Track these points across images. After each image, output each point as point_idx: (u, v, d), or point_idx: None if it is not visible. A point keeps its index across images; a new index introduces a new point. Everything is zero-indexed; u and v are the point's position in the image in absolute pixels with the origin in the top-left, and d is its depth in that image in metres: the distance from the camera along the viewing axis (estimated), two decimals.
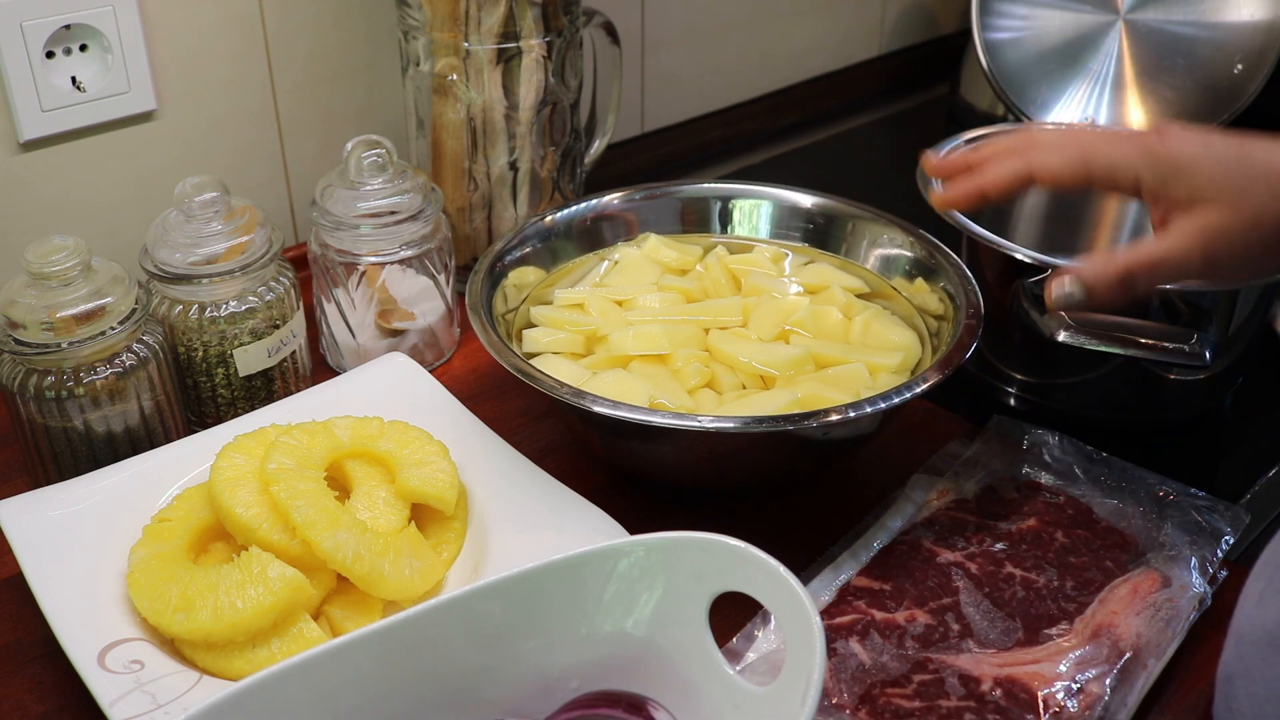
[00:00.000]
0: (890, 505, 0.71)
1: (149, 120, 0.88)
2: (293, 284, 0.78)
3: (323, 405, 0.73)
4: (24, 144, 0.83)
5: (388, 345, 0.84)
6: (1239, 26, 1.02)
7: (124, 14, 0.83)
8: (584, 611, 0.52)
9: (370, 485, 0.67)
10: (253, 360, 0.77)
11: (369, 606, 0.63)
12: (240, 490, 0.63)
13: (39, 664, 0.62)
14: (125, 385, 0.70)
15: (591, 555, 0.52)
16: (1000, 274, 0.80)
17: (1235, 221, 0.59)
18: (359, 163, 0.80)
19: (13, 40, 0.79)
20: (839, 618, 0.62)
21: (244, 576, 0.59)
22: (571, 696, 0.53)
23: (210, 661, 0.58)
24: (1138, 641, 0.60)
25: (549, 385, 0.65)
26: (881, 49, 1.40)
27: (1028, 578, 0.65)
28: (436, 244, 0.83)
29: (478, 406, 0.75)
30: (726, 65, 1.25)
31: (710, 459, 0.67)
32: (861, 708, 0.58)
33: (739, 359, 0.72)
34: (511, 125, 0.87)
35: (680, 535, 0.52)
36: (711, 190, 0.86)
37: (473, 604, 0.50)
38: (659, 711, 0.52)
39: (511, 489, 0.68)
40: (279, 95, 0.93)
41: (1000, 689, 0.58)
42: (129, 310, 0.69)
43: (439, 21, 0.84)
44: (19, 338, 0.67)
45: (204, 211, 0.74)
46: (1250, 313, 0.79)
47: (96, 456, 0.71)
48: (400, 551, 0.63)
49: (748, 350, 0.72)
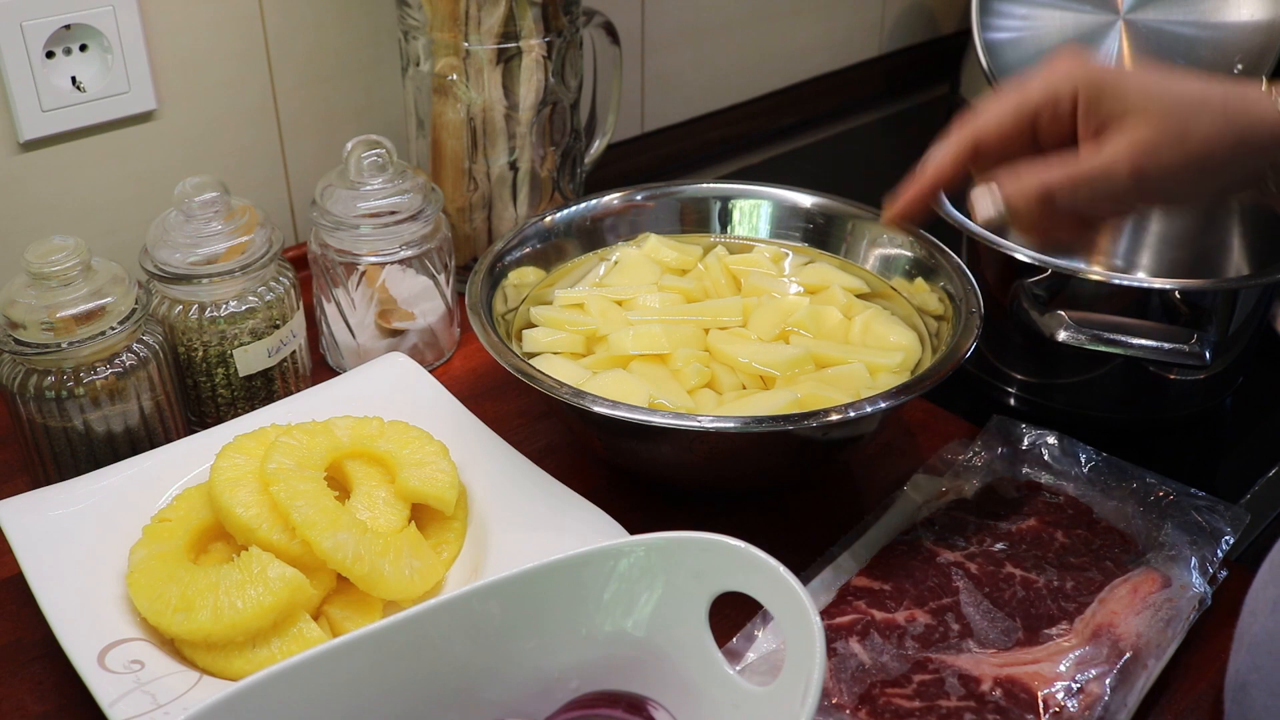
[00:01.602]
0: (890, 505, 0.71)
1: (149, 120, 0.88)
2: (293, 284, 0.78)
3: (323, 405, 0.73)
4: (24, 144, 0.83)
5: (388, 345, 0.84)
6: (1239, 26, 1.02)
7: (124, 14, 0.83)
8: (584, 611, 0.52)
9: (370, 485, 0.67)
10: (253, 360, 0.77)
11: (369, 606, 0.63)
12: (240, 490, 0.63)
13: (39, 664, 0.62)
14: (125, 385, 0.70)
15: (591, 555, 0.52)
16: (1000, 274, 0.80)
17: (1163, 136, 0.58)
18: (359, 163, 0.80)
19: (13, 40, 0.79)
20: (839, 618, 0.62)
21: (244, 576, 0.59)
22: (571, 696, 0.53)
23: (210, 661, 0.58)
24: (1138, 641, 0.60)
25: (549, 385, 0.65)
26: (881, 49, 1.40)
27: (1028, 578, 0.65)
28: (436, 244, 0.83)
29: (478, 406, 0.75)
30: (726, 65, 1.24)
31: (710, 459, 0.67)
32: (861, 708, 0.58)
33: (739, 359, 0.72)
34: (511, 125, 0.87)
35: (680, 535, 0.52)
36: (711, 190, 0.86)
37: (473, 604, 0.50)
38: (659, 711, 0.52)
39: (511, 489, 0.68)
40: (279, 95, 0.93)
41: (1000, 689, 0.58)
42: (129, 310, 0.69)
43: (439, 21, 0.84)
44: (19, 338, 0.67)
45: (204, 211, 0.74)
46: (1250, 313, 0.79)
47: (96, 456, 0.71)
48: (400, 551, 0.63)
49: (748, 350, 0.72)
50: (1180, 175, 0.59)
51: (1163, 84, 0.59)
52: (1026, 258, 0.78)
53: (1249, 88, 0.59)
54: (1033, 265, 0.78)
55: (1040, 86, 0.62)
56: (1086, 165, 0.60)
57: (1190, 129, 0.58)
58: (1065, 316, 0.75)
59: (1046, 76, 0.62)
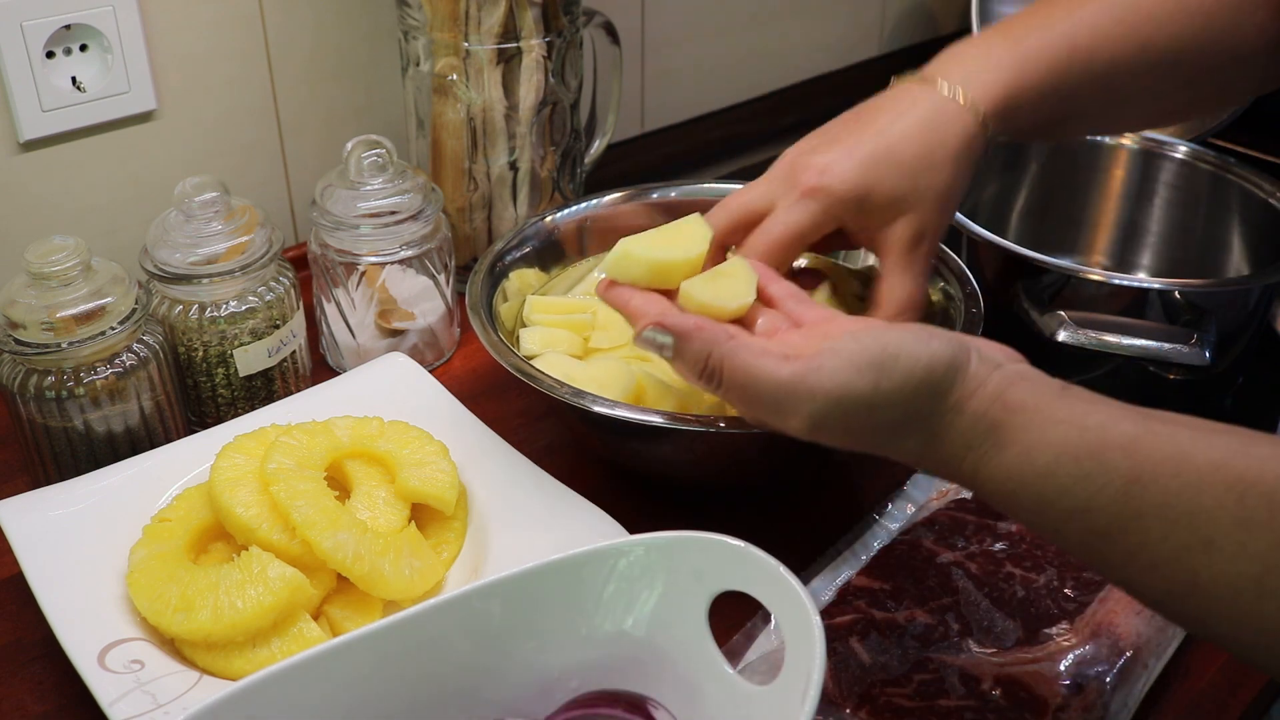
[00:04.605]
0: (890, 505, 0.71)
1: (149, 120, 0.88)
2: (293, 284, 0.78)
3: (323, 405, 0.73)
4: (24, 144, 0.83)
5: (388, 345, 0.84)
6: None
7: (124, 14, 0.83)
8: (584, 611, 0.52)
9: (370, 485, 0.67)
10: (253, 360, 0.77)
11: (369, 606, 0.63)
12: (240, 490, 0.63)
13: (39, 664, 0.62)
14: (125, 385, 0.70)
15: (591, 555, 0.52)
16: (1000, 274, 0.80)
17: (931, 219, 0.66)
18: (359, 163, 0.80)
19: (13, 40, 0.79)
20: (839, 618, 0.62)
21: (244, 576, 0.59)
22: (571, 696, 0.53)
23: (210, 661, 0.58)
24: (1138, 641, 0.60)
25: (549, 385, 0.65)
26: (881, 49, 1.40)
27: (1028, 577, 0.65)
28: (436, 244, 0.83)
29: (478, 406, 0.75)
30: (726, 65, 1.24)
31: (710, 459, 0.67)
32: (861, 707, 0.58)
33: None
34: (511, 125, 0.87)
35: (680, 535, 0.52)
36: (711, 190, 0.86)
37: (472, 604, 0.51)
38: (659, 711, 0.52)
39: (511, 489, 0.68)
40: (279, 95, 0.93)
41: (1000, 688, 0.58)
42: (129, 310, 0.69)
43: (439, 21, 0.84)
44: (19, 338, 0.67)
45: (204, 211, 0.74)
46: (1250, 313, 0.79)
47: (96, 456, 0.71)
48: (400, 551, 0.63)
49: None
50: (947, 218, 0.67)
51: (893, 166, 0.64)
52: (1026, 258, 0.78)
53: (937, 103, 0.65)
54: (1033, 265, 0.78)
55: (807, 223, 0.65)
56: (903, 297, 0.66)
57: (936, 190, 0.65)
58: (1065, 316, 0.75)
59: (807, 211, 0.65)
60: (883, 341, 0.51)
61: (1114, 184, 0.96)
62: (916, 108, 0.66)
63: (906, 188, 0.64)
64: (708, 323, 0.55)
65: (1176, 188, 0.93)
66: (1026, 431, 0.48)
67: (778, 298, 0.62)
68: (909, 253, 0.66)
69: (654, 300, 0.62)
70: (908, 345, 0.50)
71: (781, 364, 0.52)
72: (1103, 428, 0.47)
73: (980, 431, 0.49)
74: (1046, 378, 0.51)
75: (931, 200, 0.65)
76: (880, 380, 0.50)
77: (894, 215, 0.65)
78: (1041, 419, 0.48)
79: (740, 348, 0.53)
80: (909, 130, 0.65)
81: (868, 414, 0.51)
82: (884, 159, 0.64)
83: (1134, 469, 0.46)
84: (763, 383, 0.52)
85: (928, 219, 0.65)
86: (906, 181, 0.64)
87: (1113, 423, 0.47)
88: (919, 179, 0.64)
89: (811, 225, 0.65)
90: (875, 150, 0.65)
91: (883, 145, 0.65)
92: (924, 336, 0.51)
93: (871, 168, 0.64)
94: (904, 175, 0.64)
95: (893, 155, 0.64)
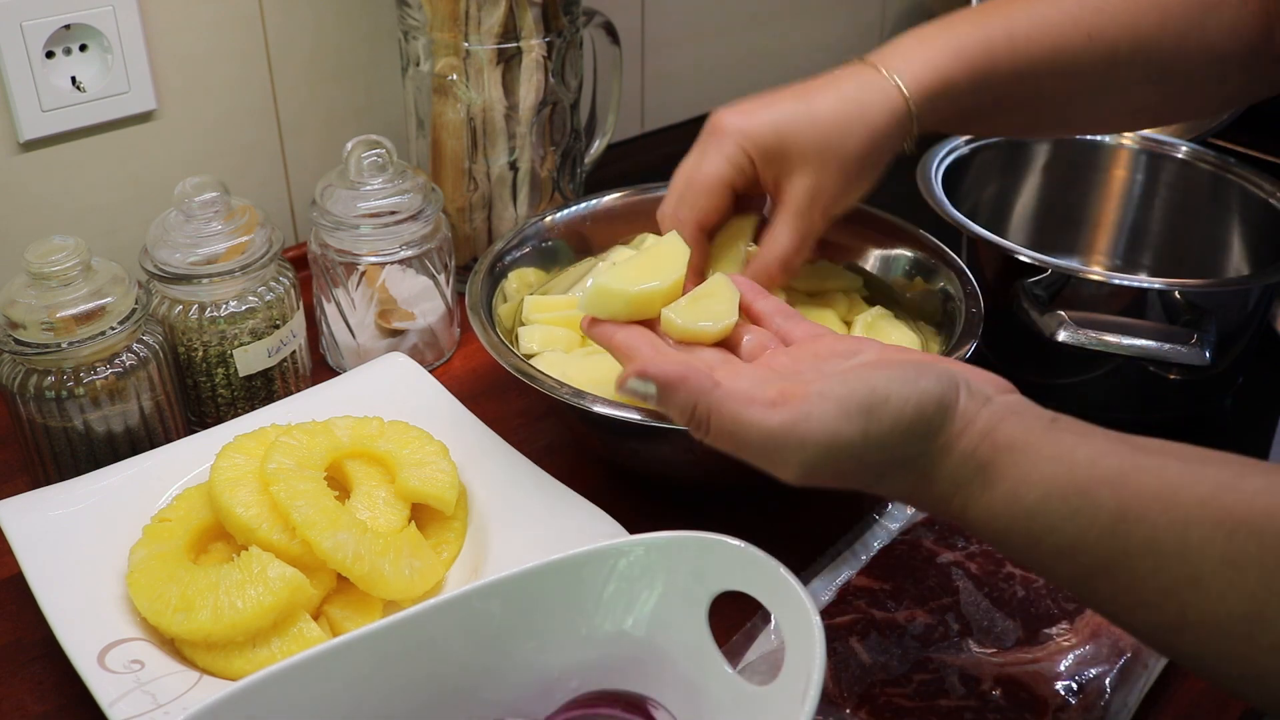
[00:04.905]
0: (890, 505, 0.71)
1: (149, 120, 0.88)
2: (293, 284, 0.78)
3: (323, 405, 0.73)
4: (24, 144, 0.83)
5: (388, 345, 0.84)
6: None
7: (124, 14, 0.83)
8: (584, 611, 0.52)
9: (370, 485, 0.67)
10: (253, 360, 0.77)
11: (369, 606, 0.63)
12: (240, 490, 0.63)
13: (39, 664, 0.62)
14: (125, 385, 0.70)
15: (591, 555, 0.52)
16: (1000, 274, 0.80)
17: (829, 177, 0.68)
18: (359, 163, 0.80)
19: (13, 40, 0.79)
20: (839, 618, 0.62)
21: (244, 576, 0.59)
22: (571, 696, 0.53)
23: (210, 661, 0.58)
24: (1138, 641, 0.60)
25: (549, 385, 0.65)
26: None
27: (1028, 577, 0.65)
28: (436, 244, 0.83)
29: (478, 406, 0.75)
30: (726, 65, 1.24)
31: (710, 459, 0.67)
32: (861, 707, 0.58)
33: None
34: (511, 125, 0.87)
35: (680, 535, 0.52)
36: None
37: (472, 604, 0.51)
38: (659, 711, 0.52)
39: (511, 489, 0.68)
40: (279, 95, 0.93)
41: (1000, 688, 0.58)
42: (129, 310, 0.69)
43: (439, 21, 0.84)
44: (19, 338, 0.67)
45: (204, 211, 0.74)
46: (1250, 313, 0.79)
47: (96, 456, 0.71)
48: (400, 551, 0.63)
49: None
50: (852, 190, 0.69)
51: (810, 121, 0.67)
52: (1026, 258, 0.78)
53: (867, 79, 0.68)
54: (1033, 265, 0.78)
55: (725, 164, 0.68)
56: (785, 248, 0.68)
57: (845, 153, 0.67)
58: (1065, 316, 0.75)
59: (722, 152, 0.68)
60: (871, 384, 0.50)
61: (1114, 184, 0.96)
62: (847, 82, 0.68)
63: (816, 145, 0.66)
64: (692, 370, 0.54)
65: (1176, 188, 0.93)
66: (1015, 469, 0.48)
67: (764, 314, 0.63)
68: (800, 208, 0.68)
69: (636, 335, 0.61)
70: (895, 387, 0.50)
71: (769, 412, 0.51)
72: (1091, 463, 0.47)
73: (969, 471, 0.49)
74: (1036, 410, 0.51)
75: (835, 165, 0.67)
76: (869, 425, 0.49)
77: (797, 168, 0.67)
78: (1029, 456, 0.48)
79: (727, 398, 0.52)
80: (833, 99, 0.68)
81: (858, 459, 0.51)
82: (803, 116, 0.67)
83: (1121, 506, 0.45)
84: (751, 432, 0.51)
85: (826, 180, 0.67)
86: (817, 139, 0.66)
87: (1101, 457, 0.47)
88: (830, 140, 0.67)
89: (731, 166, 0.68)
90: (796, 109, 0.68)
91: (804, 106, 0.68)
92: (912, 375, 0.50)
93: (788, 121, 0.67)
94: (817, 133, 0.67)
95: (811, 114, 0.67)
